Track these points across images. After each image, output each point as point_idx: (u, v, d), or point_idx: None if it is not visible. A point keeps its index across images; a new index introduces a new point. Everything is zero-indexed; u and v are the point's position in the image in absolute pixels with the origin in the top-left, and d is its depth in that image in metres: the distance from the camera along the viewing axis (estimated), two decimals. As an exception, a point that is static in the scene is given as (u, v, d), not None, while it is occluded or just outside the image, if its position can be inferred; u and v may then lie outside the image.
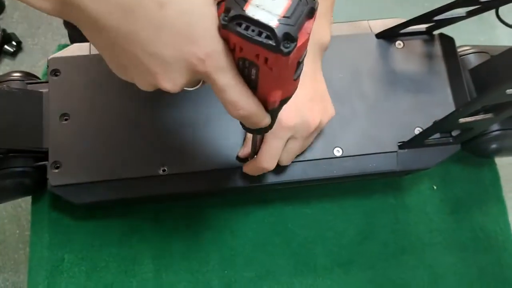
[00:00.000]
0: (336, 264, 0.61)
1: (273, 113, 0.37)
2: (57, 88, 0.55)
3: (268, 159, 0.49)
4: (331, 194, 0.64)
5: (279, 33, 0.27)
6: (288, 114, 0.47)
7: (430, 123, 0.55)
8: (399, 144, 0.56)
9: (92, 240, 0.59)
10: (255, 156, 0.51)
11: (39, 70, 0.77)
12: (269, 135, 0.48)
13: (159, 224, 0.60)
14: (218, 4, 0.31)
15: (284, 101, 0.35)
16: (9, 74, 0.58)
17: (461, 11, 0.56)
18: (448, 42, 0.61)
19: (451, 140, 0.57)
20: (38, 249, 0.59)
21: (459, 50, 0.63)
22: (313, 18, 0.29)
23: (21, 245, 1.14)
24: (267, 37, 0.27)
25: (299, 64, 0.31)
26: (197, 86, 0.35)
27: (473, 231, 0.64)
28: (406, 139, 0.56)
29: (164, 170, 0.54)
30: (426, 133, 0.55)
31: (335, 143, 0.56)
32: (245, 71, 0.32)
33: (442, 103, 0.58)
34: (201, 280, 0.59)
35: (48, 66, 0.56)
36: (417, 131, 0.57)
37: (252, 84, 0.33)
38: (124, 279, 0.58)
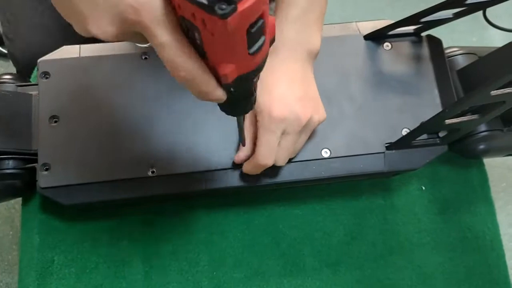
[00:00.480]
0: (324, 265, 0.61)
1: (230, 89, 0.33)
2: (46, 90, 0.55)
3: (265, 154, 0.49)
4: (319, 195, 0.64)
5: None
6: (278, 107, 0.48)
7: (417, 124, 0.55)
8: (386, 145, 0.57)
9: (81, 242, 0.59)
10: (251, 157, 0.51)
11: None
12: (261, 131, 0.49)
13: (148, 225, 0.61)
14: None
15: (241, 78, 0.31)
16: (-2, 76, 0.58)
17: (447, 13, 0.57)
18: (435, 44, 0.61)
19: (438, 141, 0.57)
20: (28, 251, 0.59)
21: (447, 51, 0.63)
22: None
23: (15, 246, 1.14)
24: None
25: (252, 35, 0.27)
26: (146, 44, 0.33)
27: (461, 231, 0.65)
28: (393, 140, 0.57)
29: (153, 172, 0.54)
30: (413, 134, 0.55)
31: (323, 144, 0.56)
32: (189, 34, 0.29)
33: (430, 104, 0.59)
34: (190, 281, 0.59)
35: (38, 68, 0.56)
36: (404, 132, 0.57)
37: (200, 50, 0.30)
38: (113, 280, 0.58)
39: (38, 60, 0.56)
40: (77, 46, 0.58)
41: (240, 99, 0.37)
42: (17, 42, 0.68)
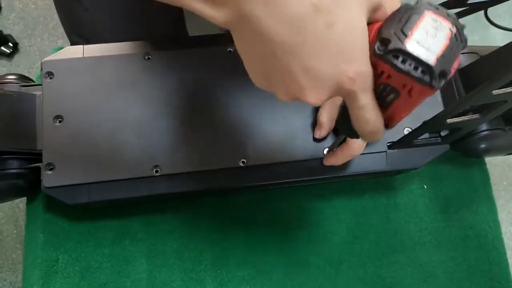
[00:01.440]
0: (327, 263, 0.62)
1: None
2: (50, 90, 0.56)
3: (360, 146, 0.52)
4: (322, 194, 0.64)
5: (436, 70, 0.29)
6: None
7: (419, 124, 0.55)
8: (388, 144, 0.57)
9: (86, 241, 0.60)
10: (338, 147, 0.53)
11: (36, 72, 0.78)
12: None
13: (152, 224, 0.61)
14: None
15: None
16: (3, 77, 0.59)
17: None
18: (437, 43, 0.61)
19: (439, 140, 0.57)
20: (33, 250, 0.59)
21: (448, 50, 0.63)
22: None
23: (19, 245, 1.14)
24: (423, 72, 0.30)
25: None
26: None
27: (463, 230, 0.65)
28: (395, 139, 0.57)
29: (157, 171, 0.54)
30: (415, 133, 0.55)
31: (324, 144, 0.56)
32: (383, 94, 0.34)
33: (431, 104, 0.59)
34: (194, 279, 0.60)
35: (41, 68, 0.57)
36: (406, 131, 0.57)
37: (383, 105, 0.35)
38: (118, 279, 0.59)
39: (42, 60, 0.57)
40: (81, 46, 0.58)
41: None
42: None
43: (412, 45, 0.29)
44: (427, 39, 0.29)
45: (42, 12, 1.36)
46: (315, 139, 0.56)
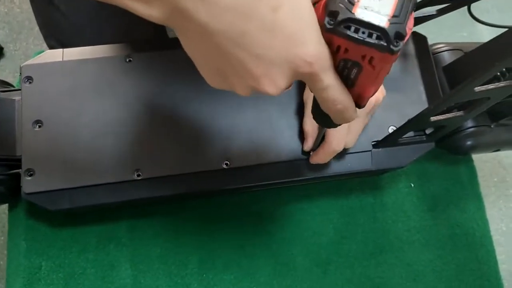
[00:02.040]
0: (315, 264, 0.61)
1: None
2: (30, 95, 0.55)
3: (338, 140, 0.51)
4: (309, 194, 0.64)
5: (390, 33, 0.28)
6: None
7: (404, 122, 0.55)
8: (373, 143, 0.57)
9: (69, 247, 0.59)
10: (319, 146, 0.52)
11: (19, 76, 0.76)
12: None
13: (136, 229, 0.60)
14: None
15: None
16: (-19, 82, 0.58)
17: (431, 10, 0.56)
18: (421, 41, 0.61)
19: (424, 138, 0.57)
20: (15, 257, 0.58)
21: (432, 48, 0.63)
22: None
23: (5, 252, 1.13)
24: (378, 37, 0.29)
25: None
26: (289, 88, 0.36)
27: (451, 228, 0.65)
28: (380, 138, 0.56)
29: (138, 175, 0.53)
30: (399, 131, 0.55)
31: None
32: (345, 71, 0.33)
33: (416, 102, 0.58)
34: (180, 284, 0.59)
35: (20, 73, 0.56)
36: (391, 129, 0.57)
37: (348, 82, 0.34)
38: (102, 285, 0.58)
39: (21, 65, 0.56)
40: (61, 50, 0.57)
41: None
42: None
43: (361, 12, 0.28)
44: (375, 2, 0.28)
45: (27, 16, 1.35)
46: (304, 152, 0.56)
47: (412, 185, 0.66)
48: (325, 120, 0.39)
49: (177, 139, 0.55)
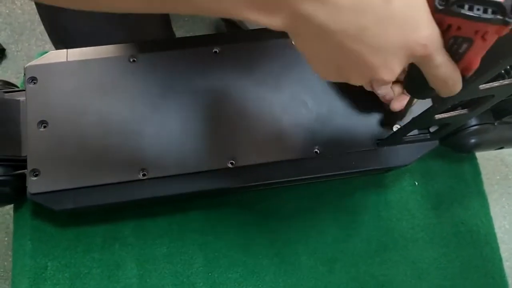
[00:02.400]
0: (320, 263, 0.61)
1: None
2: (34, 95, 0.55)
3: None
4: (313, 193, 0.64)
5: (507, 6, 0.29)
6: None
7: (408, 120, 0.55)
8: (377, 141, 0.57)
9: (75, 246, 0.59)
10: None
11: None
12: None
13: (141, 228, 0.60)
14: None
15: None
16: (-15, 83, 0.58)
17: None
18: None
19: (429, 136, 0.57)
20: (21, 257, 0.59)
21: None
22: None
23: (10, 253, 1.13)
24: (493, 12, 0.29)
25: None
26: None
27: (455, 226, 0.65)
28: (384, 136, 0.56)
29: (144, 175, 0.54)
30: (404, 129, 0.55)
31: (314, 143, 0.56)
32: (454, 47, 0.34)
33: (420, 100, 0.58)
34: (185, 283, 0.59)
35: (25, 74, 0.56)
36: (395, 128, 0.57)
37: (456, 57, 0.35)
38: (108, 285, 0.58)
39: (25, 66, 0.56)
40: (65, 50, 0.57)
41: None
42: None
43: None
44: None
45: (29, 17, 1.35)
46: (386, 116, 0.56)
47: (416, 183, 0.66)
48: (422, 94, 0.42)
49: (182, 139, 0.55)
